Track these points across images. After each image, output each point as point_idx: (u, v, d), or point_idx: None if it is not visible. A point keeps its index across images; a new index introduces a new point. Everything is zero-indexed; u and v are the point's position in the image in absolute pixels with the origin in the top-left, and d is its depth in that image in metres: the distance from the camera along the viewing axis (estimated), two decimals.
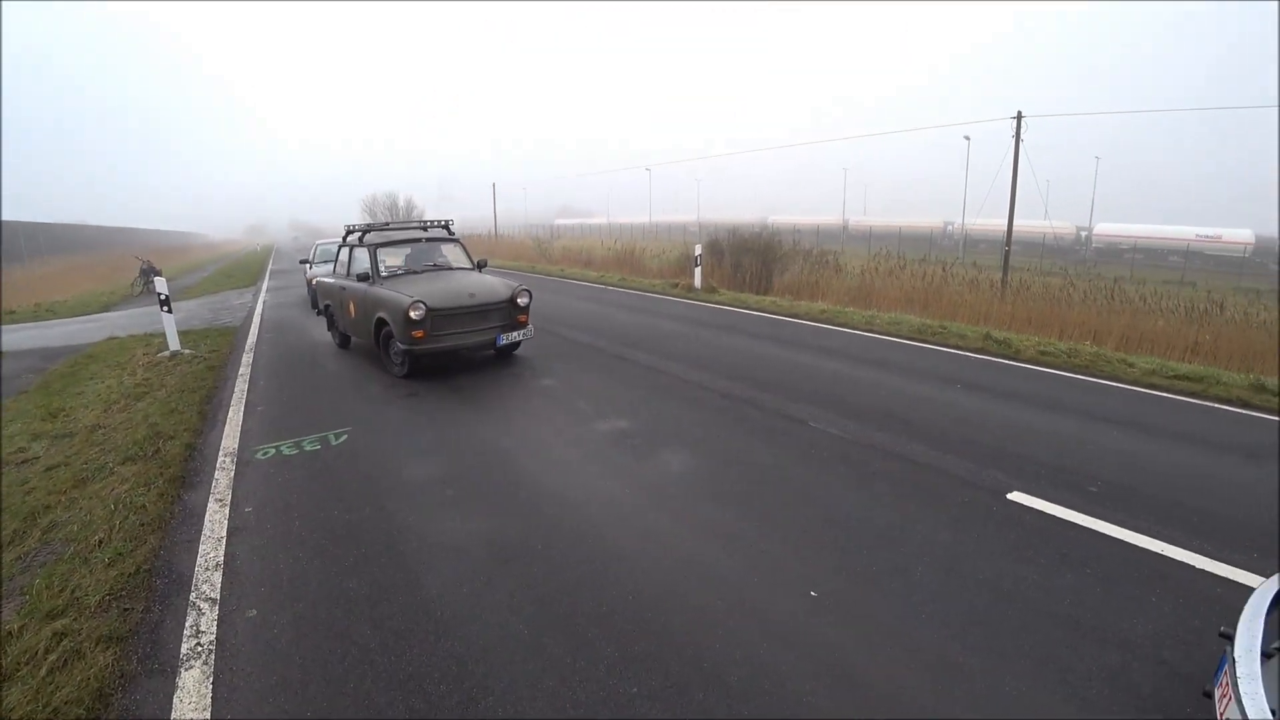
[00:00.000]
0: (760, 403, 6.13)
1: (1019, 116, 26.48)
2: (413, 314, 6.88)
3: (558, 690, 2.55)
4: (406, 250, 8.61)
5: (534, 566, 3.44)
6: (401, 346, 7.16)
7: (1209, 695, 2.03)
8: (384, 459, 5.06)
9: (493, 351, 8.29)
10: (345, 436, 5.59)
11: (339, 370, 8.16)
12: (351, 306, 8.37)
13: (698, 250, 15.16)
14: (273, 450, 5.36)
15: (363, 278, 7.95)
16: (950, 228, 56.16)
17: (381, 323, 7.49)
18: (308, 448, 5.38)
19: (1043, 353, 8.34)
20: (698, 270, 14.89)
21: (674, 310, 12.21)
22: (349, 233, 8.99)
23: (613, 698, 2.50)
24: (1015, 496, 4.11)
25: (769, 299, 13.50)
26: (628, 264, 21.75)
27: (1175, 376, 7.19)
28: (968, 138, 50.89)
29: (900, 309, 12.69)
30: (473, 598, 3.18)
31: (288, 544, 3.80)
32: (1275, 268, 40.37)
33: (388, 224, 9.23)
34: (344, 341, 9.47)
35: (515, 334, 7.68)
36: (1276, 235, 43.99)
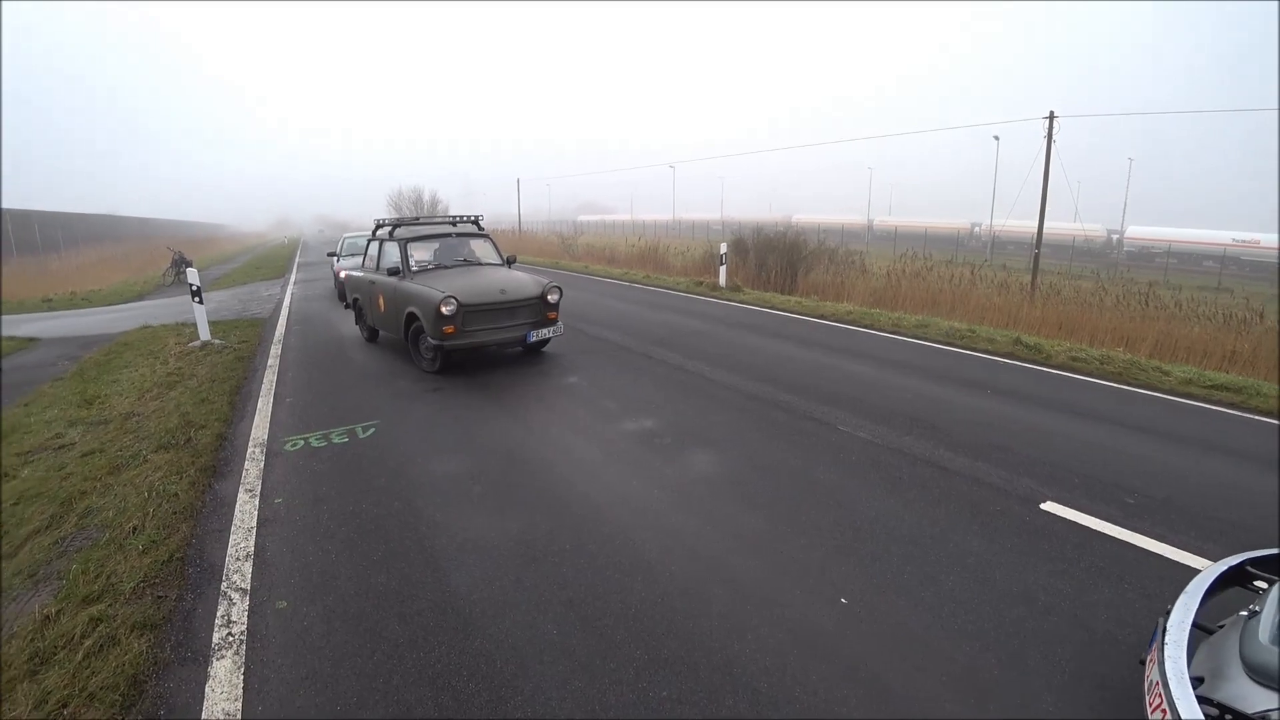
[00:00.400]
0: (787, 405, 6.08)
1: (1051, 116, 25.98)
2: (444, 309, 6.88)
3: (586, 691, 2.54)
4: (436, 245, 8.60)
5: (562, 566, 3.43)
6: (432, 342, 7.15)
7: (1142, 663, 2.19)
8: (411, 453, 5.09)
9: (521, 348, 8.29)
10: (373, 430, 5.64)
11: (366, 363, 8.24)
12: (381, 301, 8.37)
13: (723, 249, 15.09)
14: (301, 442, 5.42)
15: (393, 272, 7.95)
16: (978, 229, 55.38)
17: (412, 318, 7.48)
18: (336, 440, 5.43)
19: (1074, 359, 8.18)
20: (723, 269, 14.83)
21: (699, 309, 12.16)
22: (379, 227, 8.99)
23: (643, 700, 2.49)
24: (1049, 506, 4.03)
25: (794, 299, 13.39)
26: (651, 261, 21.71)
27: (1213, 386, 7.01)
28: (997, 138, 50.22)
29: (927, 311, 12.53)
30: (501, 596, 3.18)
31: (317, 536, 3.84)
32: None
33: (418, 219, 9.22)
34: (372, 335, 9.50)
35: (545, 331, 7.65)
36: None
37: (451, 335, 7.02)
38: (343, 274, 13.35)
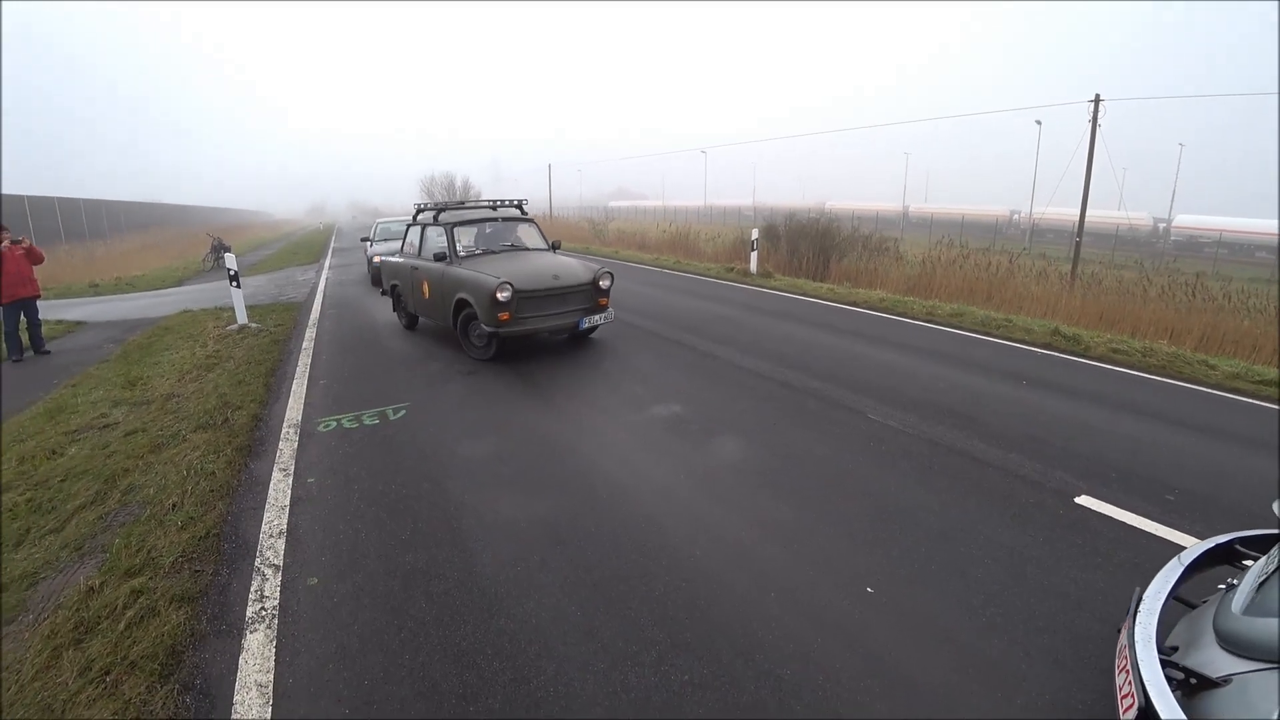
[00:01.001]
0: (818, 392, 6.01)
1: (1096, 100, 25.11)
2: (500, 295, 6.75)
3: (608, 674, 2.56)
4: (483, 230, 8.45)
5: (587, 550, 3.45)
6: (487, 329, 7.01)
7: (1118, 631, 2.25)
8: (441, 435, 5.16)
9: (565, 336, 8.23)
10: (404, 412, 5.72)
11: (398, 348, 8.35)
12: (425, 287, 8.19)
13: (754, 235, 14.95)
14: (334, 423, 5.52)
15: (439, 257, 7.76)
16: (1017, 217, 53.99)
17: (462, 304, 7.35)
18: (367, 422, 5.53)
19: (1115, 350, 7.94)
20: (754, 255, 14.70)
21: (729, 295, 12.08)
22: (419, 211, 8.86)
23: (664, 684, 2.50)
24: (1084, 500, 3.93)
25: (825, 286, 13.23)
26: (681, 247, 21.63)
27: (1262, 382, 6.75)
28: (1039, 122, 48.83)
29: (962, 300, 12.27)
30: (526, 577, 3.21)
31: (347, 515, 3.92)
32: None
33: (463, 203, 8.99)
34: (411, 322, 9.34)
35: (597, 317, 7.56)
36: None
37: (506, 322, 6.89)
38: (377, 259, 13.57)
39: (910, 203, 65.16)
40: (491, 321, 6.90)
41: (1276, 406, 5.91)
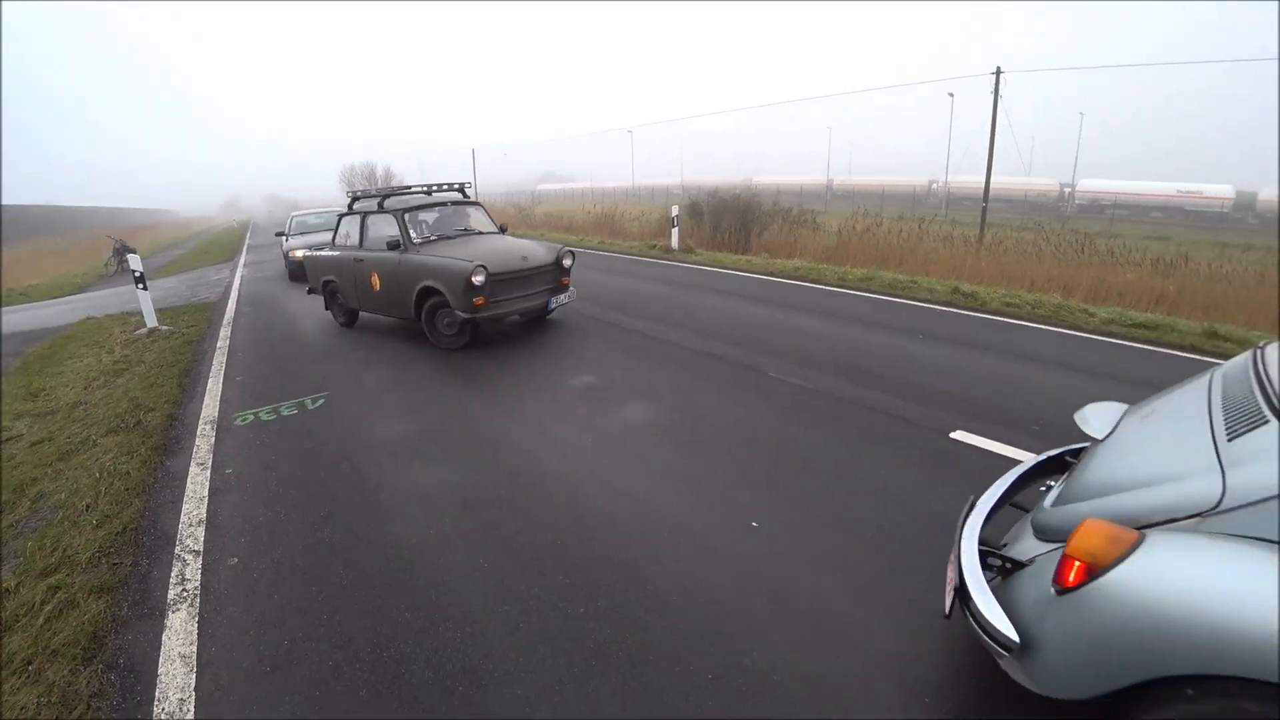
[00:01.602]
0: (726, 356, 6.33)
1: (998, 73, 26.37)
2: (475, 279, 6.59)
3: (511, 613, 2.79)
4: (434, 215, 8.20)
5: (497, 510, 3.66)
6: (462, 315, 6.81)
7: None
8: (360, 420, 5.24)
9: (521, 320, 8.17)
10: (322, 401, 5.76)
11: (317, 341, 8.28)
12: (375, 279, 7.75)
13: (674, 211, 15.24)
14: (251, 416, 5.53)
15: (394, 245, 7.44)
16: (935, 186, 56.08)
17: (428, 292, 7.11)
18: (285, 412, 5.55)
19: (1008, 304, 8.57)
20: (674, 231, 14.99)
21: (649, 271, 12.34)
22: (356, 199, 8.51)
23: (562, 618, 2.75)
24: (958, 435, 4.35)
25: (744, 258, 13.64)
26: (608, 227, 21.76)
27: (1133, 325, 7.44)
28: (951, 95, 50.67)
29: (875, 265, 12.85)
30: (439, 539, 3.40)
31: (266, 500, 4.00)
32: (1253, 222, 40.90)
33: (408, 187, 8.59)
34: (351, 319, 8.86)
35: (562, 296, 7.61)
36: (1258, 191, 44.44)
37: (482, 307, 6.78)
38: (298, 254, 13.15)
39: (835, 176, 66.80)
40: (466, 307, 6.76)
41: (1141, 345, 6.56)
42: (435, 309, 7.18)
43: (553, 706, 2.33)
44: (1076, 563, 1.84)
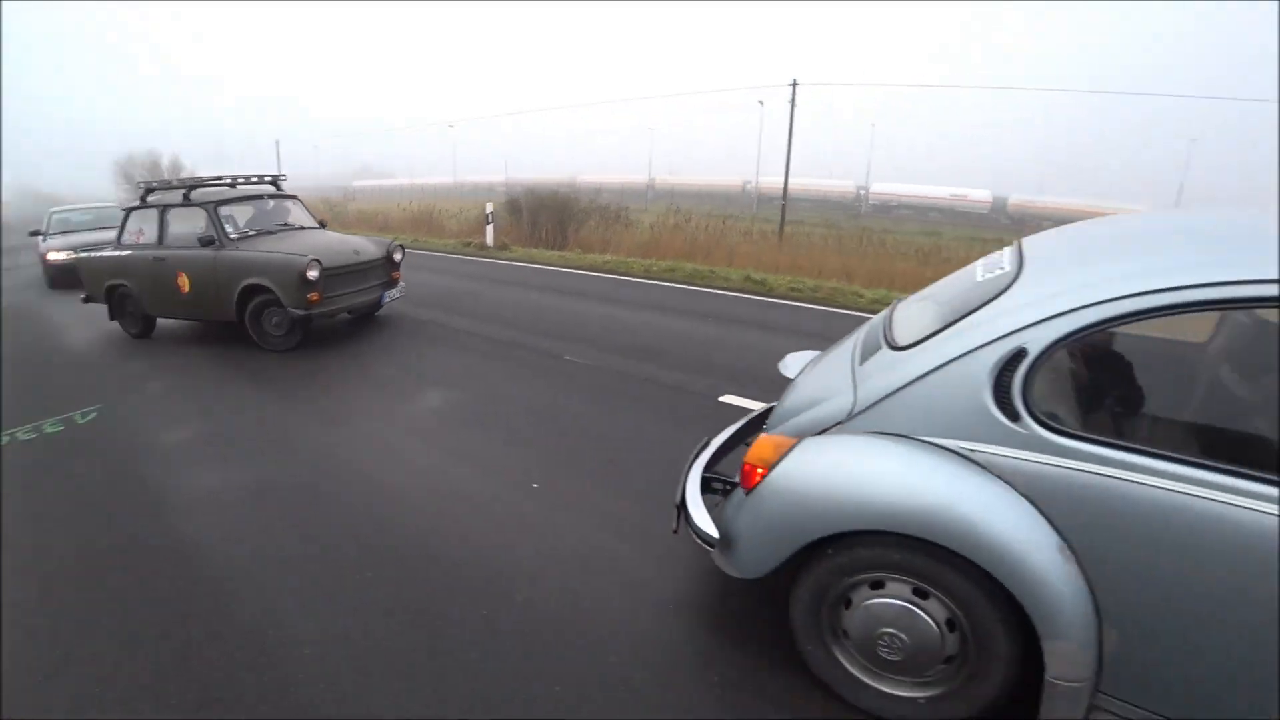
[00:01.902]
0: (529, 345, 6.56)
1: (794, 84, 28.99)
2: (310, 274, 6.24)
3: (301, 587, 2.92)
4: (249, 209, 7.59)
5: (290, 497, 3.72)
6: (296, 313, 6.39)
7: None
8: (140, 429, 4.95)
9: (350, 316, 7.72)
10: (94, 414, 5.31)
11: (83, 349, 7.49)
12: (183, 280, 7.00)
13: (489, 208, 15.20)
14: (7, 438, 4.91)
15: (207, 242, 6.80)
16: (749, 186, 60.11)
17: (252, 291, 6.61)
18: (49, 430, 5.05)
19: (792, 289, 9.54)
20: (489, 228, 14.94)
21: (462, 269, 12.28)
22: (149, 191, 7.66)
23: (350, 584, 2.92)
24: (726, 398, 4.89)
25: (558, 254, 13.93)
26: (425, 225, 21.17)
27: None
28: (761, 102, 54.60)
29: (684, 258, 13.67)
30: (227, 530, 3.41)
31: (30, 519, 3.72)
32: (1006, 221, 48.75)
33: (218, 178, 7.71)
34: (146, 328, 7.77)
35: (394, 291, 7.41)
36: (1009, 196, 53.18)
37: (317, 303, 6.39)
38: (59, 257, 11.55)
39: (658, 175, 69.36)
40: (300, 304, 6.35)
41: None
42: (262, 308, 6.70)
43: (343, 658, 2.49)
44: (758, 470, 2.34)
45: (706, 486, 2.82)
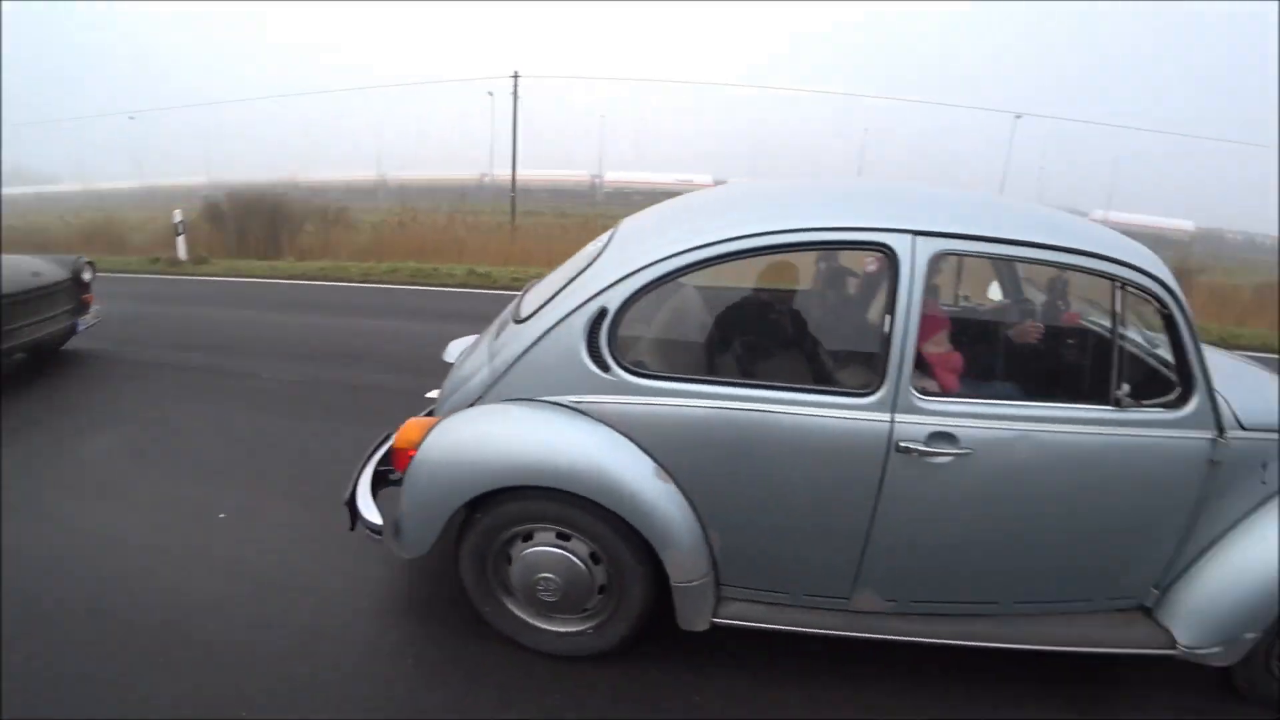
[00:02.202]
0: (220, 368, 5.98)
1: (516, 76, 29.21)
2: None
3: None
4: None
5: None
6: None
7: None
8: None
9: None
10: None
11: None
12: None
13: (178, 217, 13.22)
14: None
15: None
16: (487, 179, 59.53)
17: None
18: None
19: (515, 280, 9.74)
20: (180, 240, 13.07)
21: (146, 289, 10.60)
22: None
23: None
24: (433, 394, 4.88)
25: (268, 264, 12.69)
26: (101, 241, 17.82)
27: None
28: (491, 93, 53.94)
29: (413, 257, 13.23)
30: None
31: None
32: None
33: None
34: None
35: (89, 317, 6.11)
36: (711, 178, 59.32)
37: None
38: None
39: (389, 171, 65.74)
40: None
41: None
42: None
43: None
44: (408, 452, 2.48)
45: (385, 481, 2.87)
